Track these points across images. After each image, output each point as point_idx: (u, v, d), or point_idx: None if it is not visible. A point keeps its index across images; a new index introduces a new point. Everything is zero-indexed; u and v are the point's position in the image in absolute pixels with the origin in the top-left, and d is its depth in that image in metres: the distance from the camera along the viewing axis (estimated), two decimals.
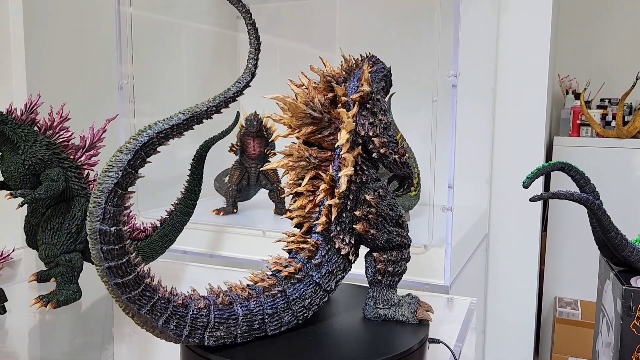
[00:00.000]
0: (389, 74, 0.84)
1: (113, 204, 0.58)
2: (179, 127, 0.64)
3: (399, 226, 0.77)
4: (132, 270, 0.61)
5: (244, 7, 0.71)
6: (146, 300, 0.62)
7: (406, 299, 0.78)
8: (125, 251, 0.60)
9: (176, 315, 0.64)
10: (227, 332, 0.67)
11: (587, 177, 1.00)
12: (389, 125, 0.78)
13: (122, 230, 0.60)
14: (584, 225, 1.07)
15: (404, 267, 0.78)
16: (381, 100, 0.78)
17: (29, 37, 1.32)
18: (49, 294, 0.98)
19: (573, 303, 2.24)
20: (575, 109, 2.40)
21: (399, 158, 0.78)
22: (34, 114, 0.98)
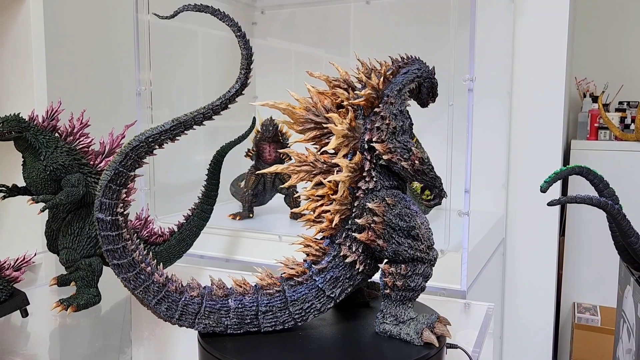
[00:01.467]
0: (425, 75, 0.81)
1: (108, 197, 0.69)
2: (166, 133, 0.71)
3: (411, 238, 0.72)
4: (128, 255, 0.71)
5: (230, 20, 0.76)
6: (140, 283, 0.72)
7: (419, 318, 0.73)
8: (122, 238, 0.71)
9: (168, 299, 0.72)
10: (217, 321, 0.73)
11: (606, 181, 0.98)
12: (400, 131, 0.74)
13: (118, 220, 0.70)
14: (602, 230, 1.05)
15: (419, 284, 0.72)
16: (396, 104, 0.75)
17: (50, 44, 1.35)
18: (70, 298, 0.99)
19: (592, 309, 2.21)
20: (593, 112, 2.37)
21: (411, 166, 0.74)
22: (55, 121, 1.00)
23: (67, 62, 1.62)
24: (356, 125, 0.74)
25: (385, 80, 0.76)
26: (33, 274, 1.28)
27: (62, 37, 1.61)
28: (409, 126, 0.77)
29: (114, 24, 1.78)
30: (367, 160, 0.74)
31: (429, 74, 0.81)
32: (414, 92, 0.81)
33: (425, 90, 0.82)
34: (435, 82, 0.82)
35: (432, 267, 0.74)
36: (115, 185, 0.69)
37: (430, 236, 0.74)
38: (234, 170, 1.76)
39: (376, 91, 0.75)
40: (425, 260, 0.73)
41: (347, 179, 0.73)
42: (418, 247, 0.72)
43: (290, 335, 0.74)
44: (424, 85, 0.81)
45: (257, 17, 2.05)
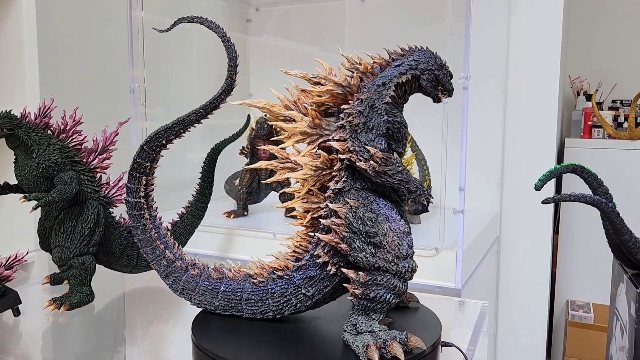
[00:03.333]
0: (424, 67, 0.74)
1: (131, 183, 0.84)
2: (168, 130, 0.85)
3: (372, 245, 0.68)
4: (147, 232, 0.85)
5: (222, 31, 0.83)
6: (154, 257, 0.85)
7: (378, 333, 0.68)
8: (143, 217, 0.85)
9: (174, 274, 0.84)
10: (208, 300, 0.81)
11: (600, 179, 0.98)
12: (364, 129, 0.70)
13: (140, 202, 0.85)
14: (596, 228, 1.06)
15: (381, 296, 0.68)
16: (368, 100, 0.71)
17: (42, 41, 1.34)
18: (62, 297, 0.98)
19: (585, 306, 2.22)
20: (586, 111, 2.39)
21: (370, 167, 0.69)
22: (48, 118, 0.99)
23: (60, 59, 1.61)
24: (323, 122, 0.73)
25: (365, 75, 0.74)
26: (25, 273, 1.27)
27: (55, 34, 1.60)
28: (382, 123, 0.71)
29: (107, 21, 1.77)
30: (340, 160, 0.71)
31: (429, 66, 0.74)
32: (412, 86, 0.75)
33: (428, 83, 0.75)
34: (440, 75, 0.75)
35: (401, 280, 0.68)
36: (136, 173, 0.84)
37: (401, 245, 0.69)
38: (229, 168, 1.75)
39: (343, 87, 0.72)
40: (389, 270, 0.68)
41: (309, 178, 0.72)
42: (381, 255, 0.68)
43: (286, 336, 0.74)
44: (423, 77, 0.74)
45: (251, 14, 2.04)
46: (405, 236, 0.70)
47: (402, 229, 0.70)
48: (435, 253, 1.23)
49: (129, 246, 1.09)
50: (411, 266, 0.69)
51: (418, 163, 1.57)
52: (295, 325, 0.77)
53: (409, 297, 0.84)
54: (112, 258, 1.08)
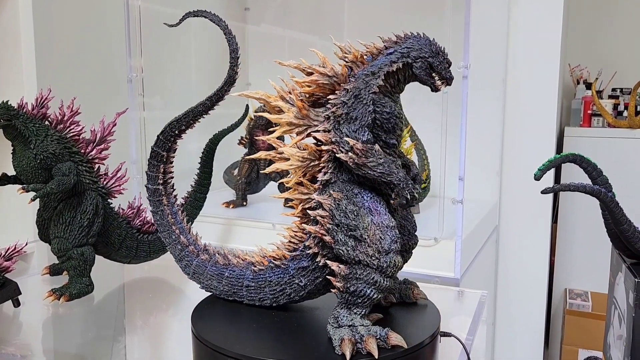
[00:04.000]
0: (416, 55, 0.71)
1: (150, 171, 0.89)
2: (179, 121, 0.88)
3: (353, 239, 0.67)
4: (164, 218, 0.89)
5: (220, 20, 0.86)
6: (169, 241, 0.89)
7: (358, 328, 0.67)
8: (161, 203, 0.90)
9: (187, 258, 0.87)
10: (214, 285, 0.83)
11: (599, 169, 0.98)
12: (346, 119, 0.69)
13: (159, 189, 0.90)
14: (595, 217, 1.06)
15: (361, 290, 0.67)
16: (353, 90, 0.70)
17: (39, 31, 1.32)
18: (62, 287, 0.99)
19: (583, 294, 2.23)
20: (586, 99, 2.37)
21: (350, 159, 0.68)
22: (45, 109, 0.98)
23: (57, 49, 1.60)
24: (312, 113, 0.72)
25: (356, 64, 0.72)
26: (25, 264, 1.27)
27: (52, 24, 1.58)
28: (366, 114, 0.70)
29: (104, 9, 1.75)
30: (329, 151, 0.71)
31: (422, 53, 0.71)
32: (405, 75, 0.72)
33: (421, 71, 0.71)
34: (435, 62, 0.71)
35: (382, 275, 0.67)
36: (154, 161, 0.89)
37: (383, 240, 0.67)
38: (228, 158, 1.75)
39: (329, 77, 0.71)
40: (370, 265, 0.67)
41: (297, 169, 0.72)
42: (361, 249, 0.67)
43: (284, 327, 0.74)
44: (416, 65, 0.71)
45: (249, 2, 2.02)
46: (389, 230, 0.68)
47: (385, 223, 0.68)
48: (434, 243, 1.23)
49: (127, 237, 1.09)
50: (394, 261, 0.67)
51: (417, 153, 1.56)
52: (293, 315, 0.77)
53: (416, 294, 0.82)
54: (111, 249, 1.08)
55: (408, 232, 0.78)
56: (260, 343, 0.70)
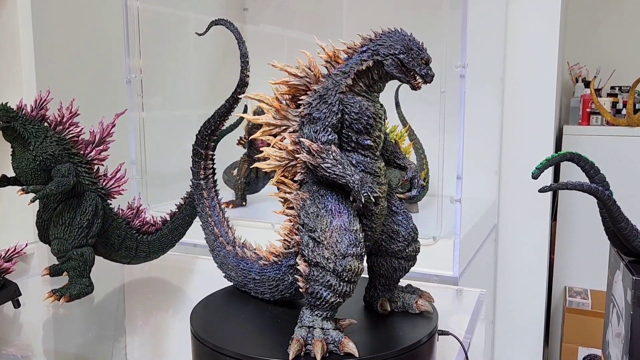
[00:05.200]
0: (387, 52, 0.70)
1: (194, 167, 0.95)
2: (210, 121, 0.94)
3: (312, 240, 0.67)
4: (204, 210, 0.95)
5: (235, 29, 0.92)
6: (206, 232, 0.94)
7: (314, 331, 0.67)
8: (202, 197, 0.95)
9: (217, 248, 0.92)
10: (232, 276, 0.89)
11: (597, 167, 0.99)
12: (309, 120, 0.69)
13: (200, 184, 0.95)
14: (594, 215, 1.06)
15: (318, 292, 0.66)
16: (320, 90, 0.70)
17: (38, 33, 1.33)
18: (62, 288, 0.99)
19: (583, 292, 2.23)
20: (585, 97, 2.37)
21: (308, 161, 0.68)
22: (44, 110, 0.99)
23: (56, 51, 1.60)
24: (290, 113, 0.73)
25: (331, 64, 0.72)
26: (25, 265, 1.28)
27: (51, 25, 1.59)
28: (330, 114, 0.69)
29: (103, 10, 1.76)
30: None
31: (392, 50, 0.69)
32: (379, 73, 0.71)
33: (392, 69, 0.70)
34: (406, 59, 0.69)
35: (339, 279, 0.66)
36: (195, 158, 0.94)
37: (339, 243, 0.66)
38: (227, 158, 1.75)
39: (300, 78, 0.72)
40: (326, 268, 0.66)
41: (276, 169, 0.73)
42: (318, 251, 0.66)
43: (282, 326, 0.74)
44: (386, 63, 0.70)
45: (248, 2, 2.03)
46: (348, 234, 0.67)
47: (344, 226, 0.67)
48: (433, 242, 1.24)
49: (127, 237, 1.10)
50: (351, 266, 0.65)
51: (416, 152, 1.57)
52: (291, 313, 0.78)
53: (420, 306, 0.78)
54: (110, 249, 1.08)
55: (403, 239, 0.76)
56: (258, 342, 0.70)
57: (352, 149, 0.71)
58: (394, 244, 0.76)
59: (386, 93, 0.83)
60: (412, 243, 0.77)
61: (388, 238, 0.76)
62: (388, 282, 0.78)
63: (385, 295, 0.79)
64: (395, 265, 0.77)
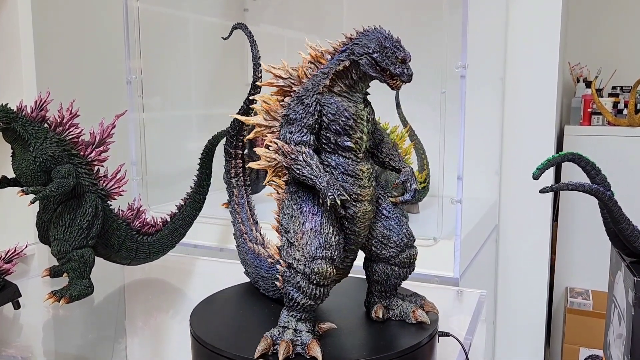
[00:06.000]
0: (362, 51, 0.68)
1: (225, 166, 1.00)
2: (234, 122, 0.99)
3: (286, 241, 0.68)
4: (233, 207, 1.01)
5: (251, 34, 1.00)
6: (235, 228, 0.99)
7: (286, 332, 0.67)
8: (233, 194, 1.00)
9: (241, 245, 0.95)
10: (249, 272, 0.92)
11: (598, 167, 0.98)
12: (286, 122, 0.69)
13: (232, 182, 1.00)
14: (595, 215, 1.06)
15: (291, 294, 0.66)
16: (300, 91, 0.70)
17: (38, 34, 1.33)
18: (62, 289, 0.99)
19: (584, 293, 2.23)
20: (586, 97, 2.37)
21: (281, 161, 0.69)
22: (44, 111, 0.99)
23: (56, 52, 1.60)
24: (278, 115, 0.73)
25: (314, 64, 0.72)
26: (25, 266, 1.27)
27: (51, 26, 1.59)
28: (306, 115, 0.69)
29: (103, 11, 1.76)
30: None
31: (366, 49, 0.68)
32: (358, 73, 0.69)
33: (367, 68, 0.68)
34: (379, 57, 0.67)
35: (309, 283, 0.65)
36: (226, 157, 0.99)
37: (309, 245, 0.66)
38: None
39: (283, 79, 0.72)
40: (296, 269, 0.66)
41: (267, 168, 0.73)
42: (291, 252, 0.67)
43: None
44: (361, 62, 0.68)
45: (248, 3, 2.02)
46: (318, 236, 0.66)
47: (316, 228, 0.67)
48: (434, 242, 1.23)
49: (127, 238, 1.10)
50: (319, 269, 0.65)
51: (416, 152, 1.56)
52: None
53: (418, 316, 0.76)
54: (110, 250, 1.08)
55: (395, 244, 0.74)
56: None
57: (332, 150, 0.70)
58: (385, 249, 0.74)
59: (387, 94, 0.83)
60: (405, 249, 0.74)
61: (379, 243, 0.74)
62: (384, 288, 0.77)
63: (381, 302, 0.77)
64: (388, 272, 0.75)
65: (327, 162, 0.70)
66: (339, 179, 0.70)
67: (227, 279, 0.99)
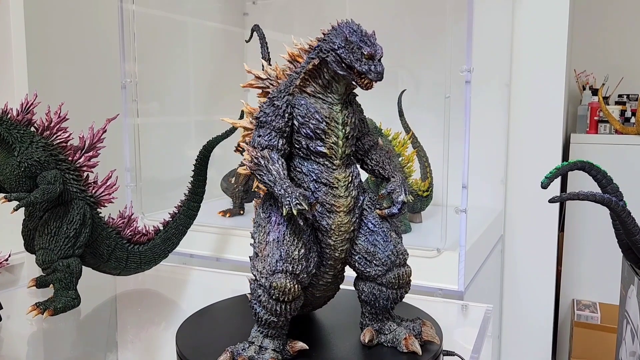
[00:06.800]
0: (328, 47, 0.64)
1: None
2: None
3: (254, 253, 0.65)
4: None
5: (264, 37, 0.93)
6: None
7: (250, 347, 0.64)
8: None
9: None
10: None
11: (610, 176, 0.94)
12: (258, 124, 0.67)
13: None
14: (602, 225, 1.02)
15: (254, 307, 0.63)
16: (272, 93, 0.67)
17: (30, 34, 1.30)
18: (46, 301, 0.94)
19: (592, 305, 2.17)
20: (593, 105, 2.33)
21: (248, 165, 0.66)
22: (30, 114, 0.95)
23: (49, 55, 1.57)
24: None
25: (293, 64, 0.70)
26: (12, 275, 1.23)
27: (44, 26, 1.56)
28: (275, 119, 0.65)
29: (98, 13, 1.73)
30: None
31: (332, 45, 0.63)
32: (329, 72, 0.65)
33: (334, 65, 0.64)
34: (343, 53, 0.62)
35: (269, 298, 0.62)
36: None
37: (270, 257, 0.62)
38: (226, 165, 1.71)
39: (262, 80, 0.70)
40: (259, 282, 0.63)
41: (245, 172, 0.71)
42: (255, 264, 0.64)
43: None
44: (329, 60, 0.64)
45: (248, 7, 1.99)
46: (280, 247, 0.62)
47: (279, 239, 0.63)
48: (437, 254, 1.19)
49: (117, 247, 1.05)
50: (277, 284, 0.61)
51: (419, 160, 1.52)
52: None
53: (409, 345, 0.69)
54: (99, 260, 1.04)
55: (380, 262, 0.67)
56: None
57: (305, 156, 0.66)
58: (369, 267, 0.67)
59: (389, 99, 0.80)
60: (393, 268, 0.68)
61: (363, 259, 0.68)
62: (374, 310, 0.70)
63: (373, 325, 0.71)
64: (375, 292, 0.68)
65: (299, 169, 0.66)
66: (310, 187, 0.65)
67: (222, 290, 0.95)
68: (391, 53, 0.77)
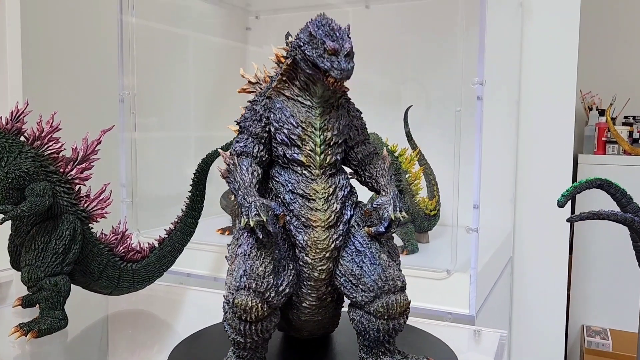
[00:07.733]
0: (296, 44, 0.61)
1: None
2: None
3: (230, 273, 0.60)
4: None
5: None
6: None
7: None
8: None
9: None
10: None
11: (630, 195, 0.90)
12: (240, 130, 0.64)
13: None
14: (612, 247, 0.96)
15: (224, 327, 0.59)
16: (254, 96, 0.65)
17: (27, 46, 1.26)
18: (31, 322, 0.88)
19: (602, 332, 2.10)
20: (600, 126, 2.32)
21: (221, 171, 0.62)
22: (20, 123, 0.90)
23: (45, 64, 1.54)
24: None
25: (280, 67, 0.66)
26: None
27: (40, 37, 1.53)
28: (250, 124, 0.62)
29: (97, 25, 1.70)
30: None
31: (300, 41, 0.60)
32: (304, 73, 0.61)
33: (303, 64, 0.60)
34: (307, 49, 0.59)
35: (234, 316, 0.57)
36: None
37: (236, 272, 0.57)
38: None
39: (252, 84, 0.67)
40: (227, 298, 0.58)
41: None
42: (226, 278, 0.59)
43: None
44: (298, 58, 0.60)
45: (251, 22, 1.96)
46: (246, 261, 0.57)
47: (245, 252, 0.58)
48: (447, 275, 1.13)
49: (109, 265, 0.99)
50: (240, 302, 0.56)
51: (426, 178, 1.47)
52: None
53: None
54: (90, 278, 0.98)
55: (366, 287, 0.60)
56: None
57: (284, 164, 0.61)
58: (355, 291, 0.60)
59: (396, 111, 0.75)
60: (382, 295, 0.60)
61: (348, 283, 0.61)
62: (366, 342, 0.62)
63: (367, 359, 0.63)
64: (364, 322, 0.61)
65: (276, 178, 0.61)
66: (285, 198, 0.60)
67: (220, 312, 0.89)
68: (399, 67, 0.73)
